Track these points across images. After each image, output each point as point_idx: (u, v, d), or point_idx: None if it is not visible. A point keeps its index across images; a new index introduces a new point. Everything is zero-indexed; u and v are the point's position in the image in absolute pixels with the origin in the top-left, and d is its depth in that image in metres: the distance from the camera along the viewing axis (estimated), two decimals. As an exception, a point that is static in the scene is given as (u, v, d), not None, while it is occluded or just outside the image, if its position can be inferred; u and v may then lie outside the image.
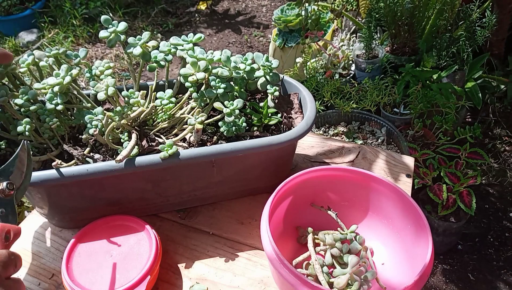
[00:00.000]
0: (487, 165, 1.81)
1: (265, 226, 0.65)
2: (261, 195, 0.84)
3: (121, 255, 0.70)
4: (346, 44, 1.74)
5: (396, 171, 0.92)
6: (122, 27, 0.75)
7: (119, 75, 2.38)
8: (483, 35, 1.44)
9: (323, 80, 1.55)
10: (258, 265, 0.75)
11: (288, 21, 1.95)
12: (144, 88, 0.80)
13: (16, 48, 2.61)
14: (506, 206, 1.71)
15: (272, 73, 0.81)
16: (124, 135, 0.73)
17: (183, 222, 0.82)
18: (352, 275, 0.65)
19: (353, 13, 1.90)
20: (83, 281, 0.66)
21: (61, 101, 0.70)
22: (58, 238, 0.79)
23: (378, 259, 0.73)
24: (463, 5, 1.47)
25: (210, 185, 0.79)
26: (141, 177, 0.72)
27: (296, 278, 0.58)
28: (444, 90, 1.46)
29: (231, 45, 2.68)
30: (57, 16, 2.78)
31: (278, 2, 3.05)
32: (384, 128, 1.44)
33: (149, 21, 2.84)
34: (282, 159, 0.82)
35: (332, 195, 0.77)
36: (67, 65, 0.72)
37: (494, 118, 1.92)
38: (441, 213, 1.36)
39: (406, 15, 1.50)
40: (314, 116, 0.77)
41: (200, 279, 0.73)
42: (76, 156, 0.71)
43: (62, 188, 0.70)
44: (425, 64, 1.55)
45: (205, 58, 0.76)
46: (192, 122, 0.72)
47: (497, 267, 1.52)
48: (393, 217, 0.73)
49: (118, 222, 0.75)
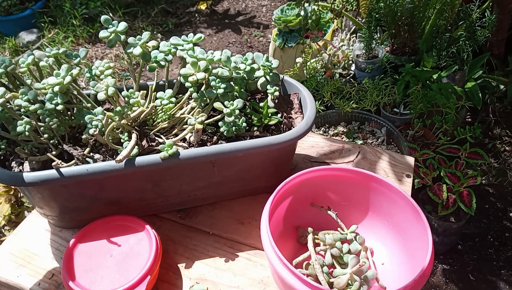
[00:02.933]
0: (487, 165, 1.81)
1: (265, 226, 0.65)
2: (261, 195, 0.84)
3: (121, 255, 0.70)
4: (346, 44, 1.74)
5: (396, 171, 0.92)
6: (122, 27, 0.75)
7: (119, 75, 2.38)
8: (483, 35, 1.44)
9: (323, 80, 1.55)
10: (258, 265, 0.75)
11: (288, 21, 1.95)
12: (144, 88, 0.80)
13: (16, 48, 2.61)
14: (506, 206, 1.71)
15: (272, 73, 0.81)
16: (124, 135, 0.73)
17: (183, 222, 0.82)
18: (352, 275, 0.65)
19: (353, 13, 1.90)
20: (83, 281, 0.66)
21: (61, 101, 0.70)
22: (58, 238, 0.79)
23: (378, 259, 0.73)
24: (463, 5, 1.47)
25: (210, 185, 0.79)
26: (141, 177, 0.72)
27: (296, 278, 0.58)
28: (444, 90, 1.46)
29: (231, 45, 2.68)
30: (57, 16, 2.78)
31: (278, 2, 3.05)
32: (384, 128, 1.44)
33: (149, 21, 2.84)
34: (282, 159, 0.82)
35: (332, 195, 0.77)
36: (67, 65, 0.72)
37: (494, 118, 1.92)
38: (441, 213, 1.36)
39: (406, 15, 1.50)
40: (314, 116, 0.77)
41: (200, 279, 0.73)
42: (76, 156, 0.71)
43: (62, 188, 0.70)
44: (425, 64, 1.55)
45: (205, 58, 0.76)
46: (192, 122, 0.72)
47: (497, 267, 1.52)
48: (393, 217, 0.73)
49: (118, 222, 0.75)
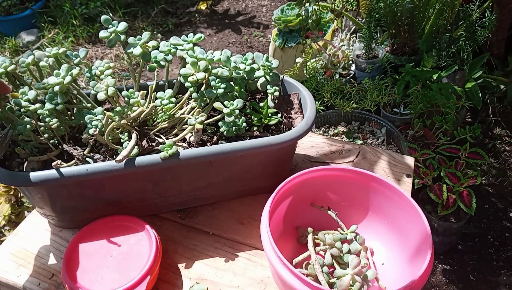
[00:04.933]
0: (487, 165, 1.81)
1: (265, 226, 0.65)
2: (261, 195, 0.84)
3: (121, 255, 0.70)
4: (346, 44, 1.74)
5: (396, 171, 0.92)
6: (122, 27, 0.75)
7: (119, 75, 2.38)
8: (483, 35, 1.44)
9: (323, 80, 1.55)
10: (258, 265, 0.75)
11: (288, 21, 1.95)
12: (144, 88, 0.80)
13: (16, 48, 2.61)
14: (506, 206, 1.71)
15: (272, 73, 0.81)
16: (124, 135, 0.73)
17: (183, 222, 0.82)
18: (354, 276, 0.65)
19: (353, 13, 1.90)
20: (83, 281, 0.66)
21: (61, 101, 0.70)
22: (58, 238, 0.79)
23: (378, 259, 0.73)
24: (463, 5, 1.47)
25: (210, 185, 0.79)
26: (141, 177, 0.72)
27: (296, 278, 0.58)
28: (444, 90, 1.46)
29: (231, 45, 2.68)
30: (57, 16, 2.78)
31: (278, 2, 3.05)
32: (384, 128, 1.44)
33: (149, 21, 2.84)
34: (282, 159, 0.82)
35: (332, 195, 0.77)
36: (67, 65, 0.72)
37: (494, 118, 1.92)
38: (441, 213, 1.36)
39: (406, 15, 1.50)
40: (314, 116, 0.77)
41: (200, 279, 0.73)
42: (76, 156, 0.71)
43: (62, 188, 0.70)
44: (425, 64, 1.55)
45: (205, 58, 0.76)
46: (192, 122, 0.72)
47: (497, 267, 1.52)
48: (393, 217, 0.73)
49: (118, 222, 0.75)
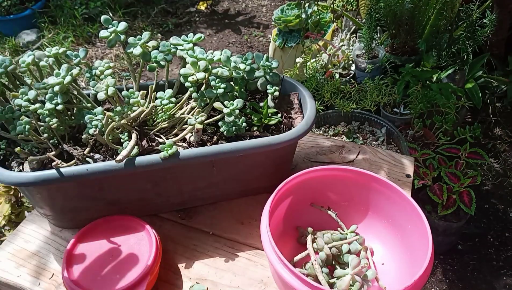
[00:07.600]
0: (487, 165, 1.81)
1: (265, 226, 0.65)
2: (261, 195, 0.84)
3: (121, 255, 0.70)
4: (346, 44, 1.74)
5: (396, 171, 0.92)
6: (122, 27, 0.75)
7: (119, 75, 2.38)
8: (483, 35, 1.44)
9: (323, 80, 1.55)
10: (258, 265, 0.75)
11: (288, 21, 1.95)
12: (144, 88, 0.80)
13: (16, 48, 2.60)
14: (506, 206, 1.71)
15: (272, 73, 0.81)
16: (124, 135, 0.73)
17: (183, 222, 0.82)
18: (354, 276, 0.65)
19: (353, 13, 1.90)
20: (83, 281, 0.66)
21: (61, 101, 0.70)
22: (58, 238, 0.79)
23: (378, 259, 0.73)
24: (463, 5, 1.47)
25: (210, 185, 0.79)
26: (141, 177, 0.72)
27: (296, 278, 0.58)
28: (444, 90, 1.46)
29: (231, 45, 2.68)
30: (57, 16, 2.78)
31: (278, 2, 3.05)
32: (384, 128, 1.44)
33: (149, 21, 2.84)
34: (282, 159, 0.82)
35: (332, 195, 0.77)
36: (67, 65, 0.72)
37: (494, 118, 1.92)
38: (441, 213, 1.35)
39: (406, 15, 1.50)
40: (314, 116, 0.77)
41: (200, 279, 0.73)
42: (76, 156, 0.71)
43: (62, 188, 0.70)
44: (425, 64, 1.55)
45: (205, 58, 0.76)
46: (192, 122, 0.72)
47: (497, 267, 1.52)
48: (393, 217, 0.73)
49: (118, 222, 0.75)
